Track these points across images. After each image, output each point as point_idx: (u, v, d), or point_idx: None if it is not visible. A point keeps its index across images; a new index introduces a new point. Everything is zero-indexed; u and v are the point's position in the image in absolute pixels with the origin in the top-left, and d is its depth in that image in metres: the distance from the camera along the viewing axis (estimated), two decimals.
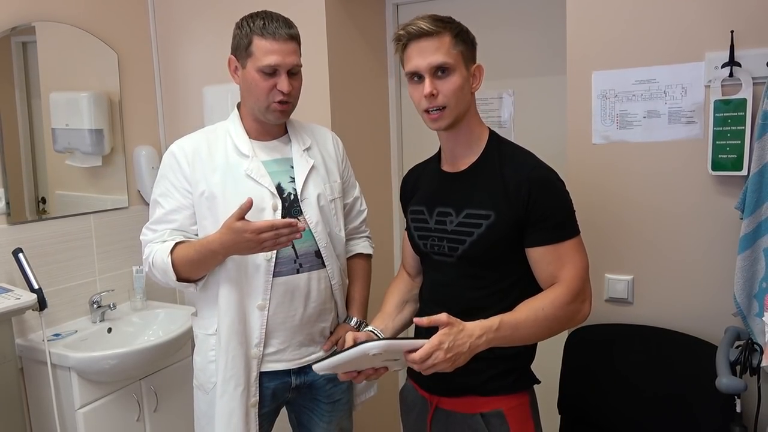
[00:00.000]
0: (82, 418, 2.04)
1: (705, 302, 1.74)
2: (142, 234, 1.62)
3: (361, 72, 2.44)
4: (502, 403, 1.37)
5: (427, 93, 1.31)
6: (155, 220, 1.60)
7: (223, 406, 1.54)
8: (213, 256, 1.49)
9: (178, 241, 1.54)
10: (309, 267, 1.59)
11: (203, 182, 1.56)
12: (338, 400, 1.70)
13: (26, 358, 2.12)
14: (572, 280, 1.31)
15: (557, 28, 1.98)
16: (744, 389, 1.39)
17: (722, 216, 1.69)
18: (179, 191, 1.58)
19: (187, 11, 2.54)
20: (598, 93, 1.82)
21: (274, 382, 1.61)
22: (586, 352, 1.83)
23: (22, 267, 2.03)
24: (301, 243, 1.56)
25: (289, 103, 1.56)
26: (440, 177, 1.46)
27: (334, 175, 1.69)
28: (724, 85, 1.63)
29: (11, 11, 2.12)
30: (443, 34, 1.31)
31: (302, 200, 1.59)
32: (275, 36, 1.50)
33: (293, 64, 1.53)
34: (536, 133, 2.31)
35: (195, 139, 1.62)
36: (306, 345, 1.62)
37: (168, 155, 1.61)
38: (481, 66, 1.38)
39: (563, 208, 1.35)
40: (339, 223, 1.68)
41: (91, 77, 2.40)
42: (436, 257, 1.43)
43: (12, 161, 2.13)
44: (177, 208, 1.58)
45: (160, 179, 1.61)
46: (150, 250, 1.56)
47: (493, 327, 1.23)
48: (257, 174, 1.56)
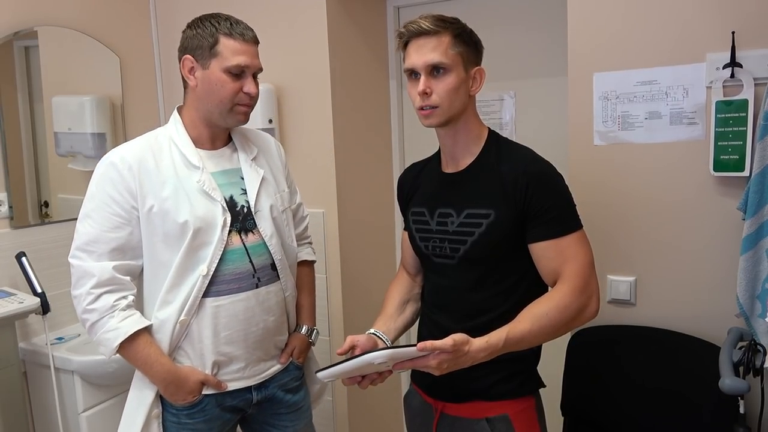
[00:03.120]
0: (86, 421, 2.04)
1: (708, 303, 1.73)
2: (75, 257, 1.46)
3: (363, 74, 2.45)
4: (507, 407, 1.36)
5: (420, 90, 1.32)
6: (91, 239, 1.44)
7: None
8: (147, 373, 1.47)
9: (133, 332, 1.43)
10: (267, 280, 1.55)
11: (151, 197, 1.44)
12: (300, 408, 1.68)
13: (29, 362, 2.12)
14: (575, 276, 1.29)
15: (558, 29, 1.98)
16: (747, 390, 1.38)
17: (724, 217, 1.69)
18: (122, 207, 1.44)
19: (189, 15, 2.51)
20: (599, 94, 1.82)
21: (236, 399, 1.56)
22: (588, 353, 1.82)
23: (25, 271, 2.03)
24: (257, 257, 1.53)
25: (251, 107, 1.52)
26: (440, 178, 1.45)
27: (282, 184, 1.65)
28: (726, 86, 1.63)
29: (14, 16, 2.13)
30: (443, 34, 1.31)
31: (256, 213, 1.53)
32: (244, 37, 1.47)
33: (259, 67, 1.51)
34: (537, 135, 2.31)
35: (138, 149, 1.48)
36: (264, 360, 1.58)
37: (108, 167, 1.45)
38: (482, 69, 1.38)
39: (563, 202, 1.33)
40: (291, 233, 1.65)
41: (93, 81, 2.41)
42: (437, 260, 1.42)
43: (15, 165, 2.14)
44: (119, 225, 1.44)
45: (96, 192, 1.45)
46: (99, 311, 1.42)
47: (498, 346, 1.22)
48: (209, 187, 1.47)
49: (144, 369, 1.48)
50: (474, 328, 1.24)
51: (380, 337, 1.44)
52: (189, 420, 1.52)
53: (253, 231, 1.53)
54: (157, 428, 1.50)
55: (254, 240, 1.53)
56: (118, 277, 1.45)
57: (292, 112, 2.26)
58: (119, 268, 1.46)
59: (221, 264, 1.47)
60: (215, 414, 1.54)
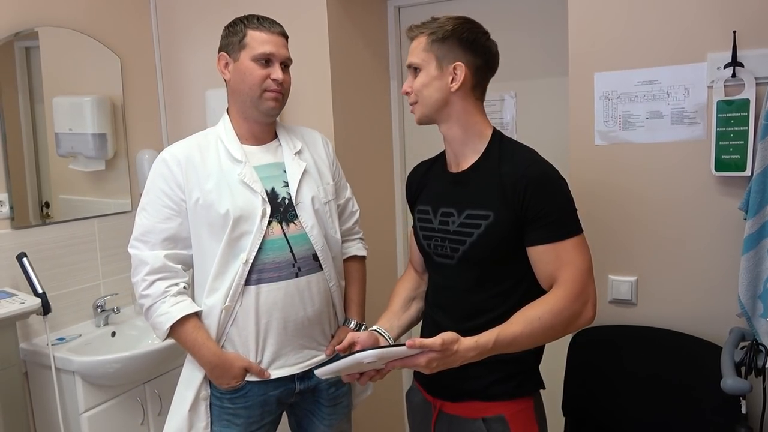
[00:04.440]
0: (87, 422, 2.04)
1: (709, 303, 1.73)
2: (133, 247, 1.57)
3: (363, 74, 2.45)
4: (504, 408, 1.36)
5: (402, 90, 1.43)
6: (146, 229, 1.56)
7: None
8: (195, 355, 1.56)
9: (182, 316, 1.53)
10: (307, 270, 1.59)
11: (197, 190, 1.55)
12: (339, 403, 1.71)
13: (30, 363, 2.12)
14: (571, 281, 1.28)
15: (559, 29, 1.98)
16: (749, 390, 1.38)
17: (726, 216, 1.69)
18: (172, 199, 1.56)
19: (190, 16, 2.55)
20: (600, 94, 1.82)
21: (279, 389, 1.60)
22: (590, 353, 1.82)
23: (26, 271, 2.03)
24: (298, 247, 1.57)
25: (281, 94, 1.57)
26: (445, 177, 1.46)
27: (326, 177, 1.70)
28: (727, 85, 1.63)
29: (14, 16, 2.13)
30: (420, 37, 1.38)
31: (297, 204, 1.59)
32: (270, 29, 1.57)
33: (286, 57, 1.59)
34: (538, 135, 2.31)
35: (186, 146, 1.60)
36: (308, 348, 1.62)
37: (160, 163, 1.59)
38: (461, 65, 1.34)
39: (562, 206, 1.31)
40: (334, 225, 1.69)
41: (94, 81, 2.41)
42: (438, 259, 1.43)
43: (15, 166, 2.14)
44: (169, 216, 1.56)
45: (150, 187, 1.59)
46: (152, 297, 1.53)
47: (487, 346, 1.21)
48: (250, 179, 1.56)
49: (192, 352, 1.56)
50: (473, 328, 1.24)
51: (382, 334, 1.45)
52: (231, 405, 1.58)
53: (294, 222, 1.58)
54: (205, 409, 1.58)
55: (295, 230, 1.58)
56: (169, 265, 1.56)
57: (292, 112, 2.26)
58: (171, 256, 1.56)
59: (261, 253, 1.54)
60: (257, 402, 1.58)
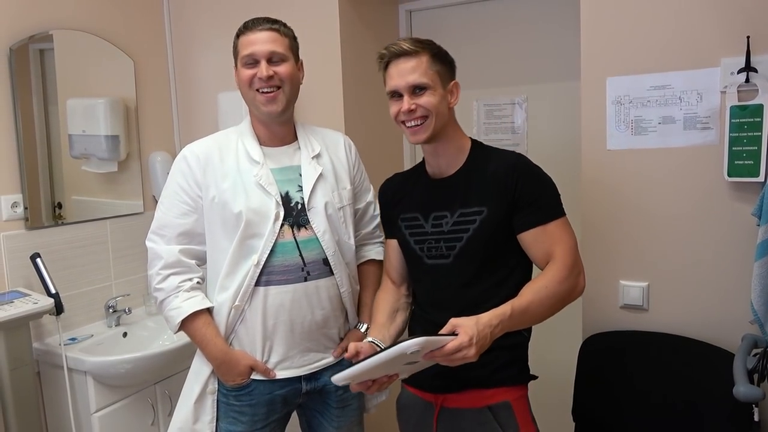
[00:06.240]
0: (98, 421, 2.06)
1: (721, 309, 1.72)
2: (150, 240, 1.61)
3: (374, 77, 2.43)
4: (508, 394, 1.41)
5: (405, 109, 1.40)
6: (162, 223, 1.60)
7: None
8: (203, 351, 1.59)
9: (192, 312, 1.55)
10: (317, 275, 1.59)
11: (213, 188, 1.57)
12: (348, 405, 1.70)
13: (43, 362, 2.14)
14: (566, 255, 1.37)
15: (570, 34, 1.98)
16: (762, 398, 1.37)
17: (739, 222, 1.68)
18: (189, 195, 1.59)
19: (202, 19, 2.56)
20: (612, 99, 1.81)
21: (285, 389, 1.61)
22: (600, 359, 1.82)
23: (39, 272, 2.06)
24: (308, 251, 1.58)
25: (273, 91, 1.56)
26: (431, 185, 1.52)
27: (343, 182, 1.69)
28: (740, 90, 1.62)
29: (29, 20, 2.15)
30: (422, 54, 1.40)
31: (309, 209, 1.59)
32: (253, 29, 1.57)
33: (269, 51, 1.55)
34: (549, 139, 2.31)
35: (207, 144, 1.63)
36: (314, 351, 1.62)
37: (180, 159, 1.62)
38: (457, 83, 1.47)
39: (549, 191, 1.42)
40: (348, 230, 1.68)
41: (107, 84, 2.43)
42: (430, 261, 1.47)
43: (30, 167, 2.16)
44: (186, 212, 1.59)
45: (170, 182, 1.62)
46: (165, 291, 1.57)
47: (506, 314, 1.27)
48: (266, 182, 1.57)
49: (201, 347, 1.59)
50: None
51: (378, 345, 1.47)
52: (236, 402, 1.59)
53: (306, 226, 1.59)
54: (212, 404, 1.60)
55: (306, 235, 1.58)
56: (184, 260, 1.59)
57: (304, 114, 2.26)
58: (185, 251, 1.59)
59: (272, 255, 1.55)
60: (262, 400, 1.59)
